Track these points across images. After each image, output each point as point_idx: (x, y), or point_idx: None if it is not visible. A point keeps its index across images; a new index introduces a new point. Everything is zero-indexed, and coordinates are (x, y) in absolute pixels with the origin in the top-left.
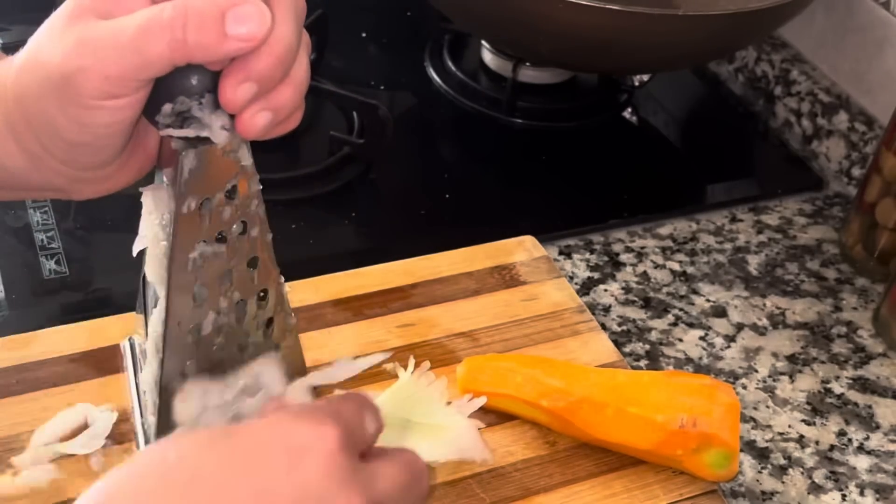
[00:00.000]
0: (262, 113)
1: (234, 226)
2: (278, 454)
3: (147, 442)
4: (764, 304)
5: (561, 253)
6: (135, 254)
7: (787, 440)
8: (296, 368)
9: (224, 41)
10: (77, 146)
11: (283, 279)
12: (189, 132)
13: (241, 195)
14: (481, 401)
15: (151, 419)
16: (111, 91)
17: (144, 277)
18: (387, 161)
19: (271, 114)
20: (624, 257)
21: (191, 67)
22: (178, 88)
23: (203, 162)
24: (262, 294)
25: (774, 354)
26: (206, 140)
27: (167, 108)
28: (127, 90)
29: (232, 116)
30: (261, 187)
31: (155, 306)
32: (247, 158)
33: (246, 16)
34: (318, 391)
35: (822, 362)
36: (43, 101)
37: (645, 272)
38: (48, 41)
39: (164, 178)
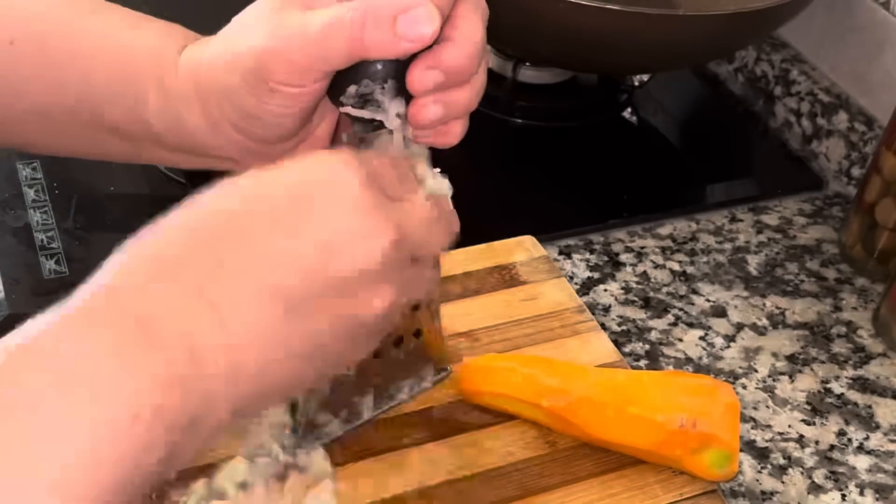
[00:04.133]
0: (436, 104)
1: None
2: (303, 196)
3: None
4: (764, 304)
5: (561, 253)
6: None
7: (786, 440)
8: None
9: (396, 41)
10: (250, 118)
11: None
12: (366, 113)
13: None
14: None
15: None
16: (292, 79)
17: None
18: None
19: (443, 108)
20: (624, 257)
21: None
22: (364, 72)
23: (374, 147)
24: None
25: (774, 354)
26: (380, 124)
27: (352, 89)
28: (306, 80)
29: (408, 105)
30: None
31: None
32: (420, 157)
33: (416, 19)
34: None
35: (822, 362)
36: (232, 73)
37: (645, 272)
38: (253, 22)
39: None
